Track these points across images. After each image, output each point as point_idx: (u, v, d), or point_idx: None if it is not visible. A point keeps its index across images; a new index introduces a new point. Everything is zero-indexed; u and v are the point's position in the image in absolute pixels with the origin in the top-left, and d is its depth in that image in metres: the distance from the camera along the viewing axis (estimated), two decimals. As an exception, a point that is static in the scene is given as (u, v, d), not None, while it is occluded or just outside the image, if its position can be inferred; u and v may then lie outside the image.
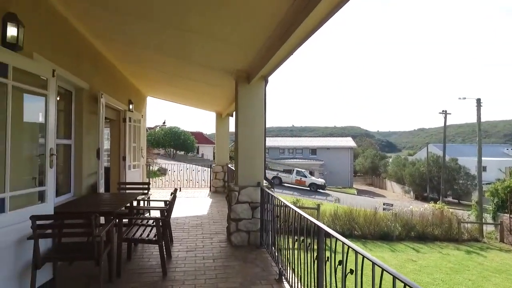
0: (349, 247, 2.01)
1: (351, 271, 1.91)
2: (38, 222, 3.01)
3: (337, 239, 2.20)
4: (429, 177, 34.09)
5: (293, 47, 3.62)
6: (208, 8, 3.35)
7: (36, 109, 3.50)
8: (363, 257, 1.81)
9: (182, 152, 40.21)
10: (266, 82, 5.33)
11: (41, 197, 3.46)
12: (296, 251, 3.33)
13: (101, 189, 5.37)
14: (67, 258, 3.27)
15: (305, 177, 32.58)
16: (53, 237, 3.42)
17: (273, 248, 4.35)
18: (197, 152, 47.25)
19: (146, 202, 5.69)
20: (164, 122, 45.57)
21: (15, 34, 3.03)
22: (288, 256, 3.56)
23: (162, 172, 20.38)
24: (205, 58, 5.28)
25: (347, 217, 13.04)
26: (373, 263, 1.67)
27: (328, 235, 2.38)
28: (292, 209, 3.42)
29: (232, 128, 11.73)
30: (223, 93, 7.56)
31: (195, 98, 9.51)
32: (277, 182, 29.94)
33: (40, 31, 3.63)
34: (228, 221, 5.30)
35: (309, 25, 2.93)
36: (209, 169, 11.88)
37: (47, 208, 3.47)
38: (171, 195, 4.59)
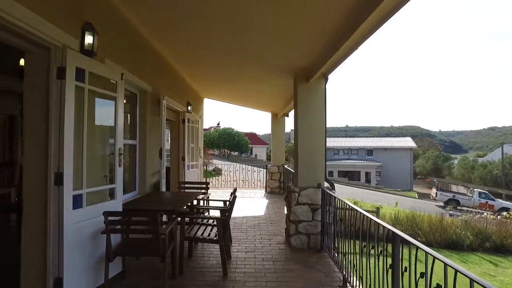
0: (434, 258, 1.78)
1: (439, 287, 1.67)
2: (110, 218, 3.18)
3: (417, 247, 1.97)
4: (505, 181, 30.75)
5: (358, 41, 3.42)
6: (271, 3, 3.28)
7: (105, 111, 3.70)
8: (456, 271, 1.58)
9: (236, 153, 40.98)
10: (326, 80, 5.13)
11: (111, 194, 3.65)
12: (363, 257, 3.12)
13: (163, 188, 5.58)
14: (135, 253, 3.40)
15: (493, 200, 25.28)
16: (122, 233, 3.59)
17: (335, 252, 4.15)
18: (251, 153, 47.84)
19: (205, 201, 5.80)
20: (218, 124, 46.90)
21: (91, 41, 3.24)
22: (354, 262, 3.35)
23: (217, 172, 20.94)
24: (263, 56, 5.24)
25: (409, 222, 12.19)
26: (471, 280, 1.43)
27: (405, 242, 2.16)
28: (360, 212, 3.21)
29: (287, 128, 11.62)
30: (280, 93, 7.48)
31: (251, 98, 9.56)
32: (454, 205, 24.05)
33: (111, 37, 3.84)
34: (287, 223, 5.19)
35: (379, 15, 2.72)
36: (264, 169, 11.89)
37: (116, 205, 3.66)
38: (230, 195, 4.60)
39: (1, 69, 5.76)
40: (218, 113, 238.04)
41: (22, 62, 3.24)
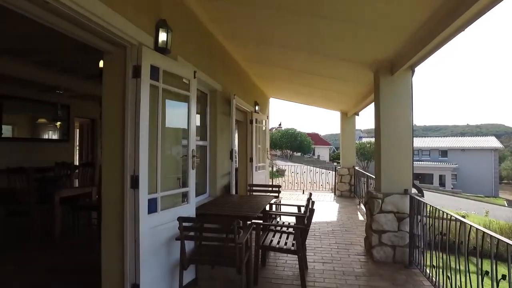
0: None
1: None
2: (184, 224, 3.01)
3: None
4: None
5: (462, 25, 2.79)
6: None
7: (178, 111, 3.58)
8: None
9: (299, 154, 40.35)
10: (413, 72, 4.49)
11: (185, 198, 3.51)
12: (468, 277, 2.52)
13: (233, 191, 5.41)
14: (210, 261, 3.20)
15: None
16: (196, 240, 3.42)
17: (430, 270, 3.55)
18: (313, 154, 46.80)
19: (277, 206, 5.49)
20: (280, 124, 46.67)
21: (165, 38, 3.11)
22: (458, 284, 2.75)
23: (280, 173, 20.66)
24: (337, 49, 4.78)
25: (505, 235, 10.60)
26: None
27: None
28: (471, 226, 2.62)
29: (358, 127, 10.82)
30: (353, 89, 6.90)
31: (320, 96, 9.07)
32: None
33: (183, 34, 3.72)
34: (368, 232, 4.66)
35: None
36: (328, 171, 11.28)
37: (190, 209, 3.51)
38: (307, 201, 4.23)
39: (86, 75, 6.12)
40: (279, 114, 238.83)
41: (101, 64, 3.25)
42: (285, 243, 3.69)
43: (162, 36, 3.10)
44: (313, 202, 4.05)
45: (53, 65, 5.37)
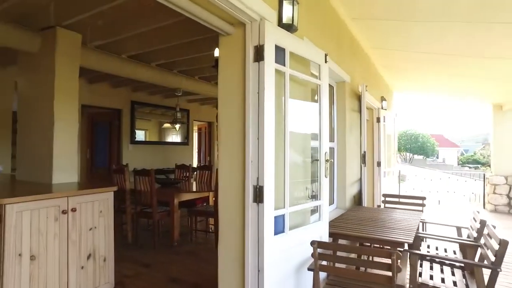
0: None
1: None
2: (319, 250, 2.28)
3: None
4: None
5: None
6: None
7: (306, 104, 2.89)
8: None
9: (421, 157, 35.89)
10: None
11: (314, 213, 2.80)
12: None
13: (365, 202, 4.47)
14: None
15: None
16: (332, 272, 2.65)
17: None
18: (437, 157, 41.11)
19: (423, 224, 4.30)
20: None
21: (291, 13, 2.46)
22: None
23: (401, 178, 18.38)
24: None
25: None
26: None
27: None
28: None
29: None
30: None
31: (465, 87, 7.30)
32: None
33: (308, 11, 3.02)
34: None
35: None
36: (464, 177, 9.12)
37: (322, 228, 2.76)
38: (474, 220, 3.05)
39: (201, 76, 6.04)
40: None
41: (216, 52, 2.81)
42: (455, 284, 2.62)
43: (287, 10, 2.44)
44: (494, 227, 2.87)
45: (173, 67, 5.36)
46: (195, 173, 6.79)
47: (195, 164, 9.75)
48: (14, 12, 3.45)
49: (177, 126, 6.66)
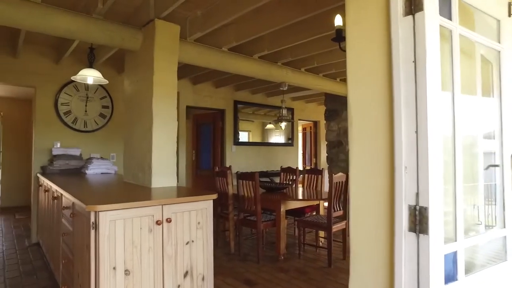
0: None
1: None
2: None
3: None
4: None
5: None
6: None
7: (475, 82, 1.94)
8: None
9: None
10: None
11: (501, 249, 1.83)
12: None
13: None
14: None
15: None
16: None
17: None
18: None
19: None
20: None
21: None
22: None
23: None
24: None
25: None
26: None
27: None
28: None
29: None
30: None
31: None
32: None
33: None
34: None
35: None
36: None
37: (509, 272, 1.78)
38: None
39: (307, 68, 5.38)
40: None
41: (337, 20, 2.09)
42: None
43: None
44: None
45: (277, 59, 4.83)
46: (301, 176, 6.17)
47: (300, 167, 9.16)
48: (118, 10, 3.38)
49: (283, 124, 6.13)
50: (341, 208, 4.21)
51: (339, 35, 2.06)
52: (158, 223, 2.33)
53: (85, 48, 4.04)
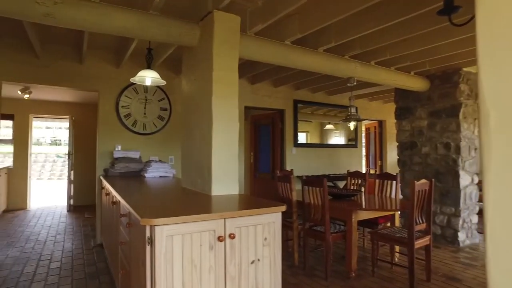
0: None
1: None
2: None
3: None
4: None
5: None
6: None
7: None
8: None
9: None
10: None
11: None
12: None
13: None
14: None
15: None
16: None
17: None
18: None
19: None
20: None
21: None
22: None
23: None
24: None
25: None
26: None
27: None
28: None
29: None
30: None
31: None
32: None
33: None
34: None
35: None
36: None
37: None
38: None
39: (377, 61, 4.79)
40: None
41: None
42: None
43: None
44: None
45: (344, 51, 4.33)
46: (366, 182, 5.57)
47: (363, 170, 8.47)
48: (175, 4, 3.18)
49: (352, 124, 5.58)
50: (424, 221, 3.61)
51: (449, 4, 1.52)
52: (220, 239, 2.02)
53: (143, 50, 3.96)
